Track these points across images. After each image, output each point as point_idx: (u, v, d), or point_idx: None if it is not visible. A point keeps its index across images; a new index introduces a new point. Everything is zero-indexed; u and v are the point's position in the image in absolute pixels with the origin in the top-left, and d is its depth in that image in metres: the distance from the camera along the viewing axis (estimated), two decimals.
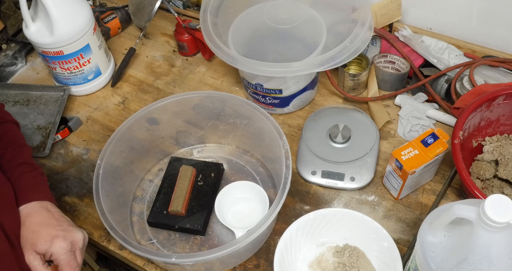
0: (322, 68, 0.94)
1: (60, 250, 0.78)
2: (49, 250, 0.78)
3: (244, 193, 0.99)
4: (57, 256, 0.78)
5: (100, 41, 1.20)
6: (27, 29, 1.11)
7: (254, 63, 0.96)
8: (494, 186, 0.95)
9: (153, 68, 1.29)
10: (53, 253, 0.78)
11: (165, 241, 0.97)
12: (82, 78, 1.20)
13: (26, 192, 0.83)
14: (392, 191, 0.99)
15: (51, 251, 0.78)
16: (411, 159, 0.89)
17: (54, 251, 0.78)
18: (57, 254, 0.78)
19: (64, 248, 0.78)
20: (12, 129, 0.93)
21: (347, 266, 0.88)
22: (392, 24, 1.18)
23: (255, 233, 0.80)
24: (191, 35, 1.25)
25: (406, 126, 1.08)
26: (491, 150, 0.95)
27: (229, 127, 1.05)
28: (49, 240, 0.78)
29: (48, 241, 0.78)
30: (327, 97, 1.17)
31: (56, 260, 0.78)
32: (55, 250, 0.78)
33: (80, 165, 1.11)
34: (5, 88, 1.24)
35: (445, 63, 1.10)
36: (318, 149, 1.03)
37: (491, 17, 1.09)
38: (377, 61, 1.15)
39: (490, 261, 0.62)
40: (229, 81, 1.24)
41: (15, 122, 0.95)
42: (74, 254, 0.80)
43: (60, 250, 0.78)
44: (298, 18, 1.06)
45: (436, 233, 0.68)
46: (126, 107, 1.21)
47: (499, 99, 0.93)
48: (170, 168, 1.04)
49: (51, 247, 0.78)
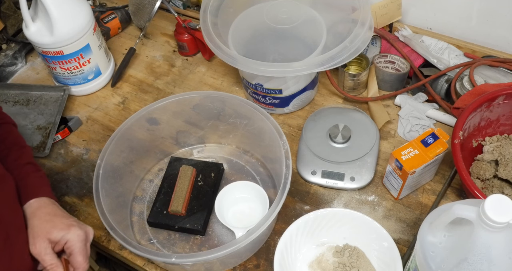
0: (322, 68, 0.94)
1: (76, 237, 0.79)
2: (65, 236, 0.79)
3: (244, 193, 0.99)
4: (73, 243, 0.79)
5: (100, 41, 1.20)
6: (27, 29, 1.11)
7: (254, 63, 0.96)
8: (494, 186, 0.95)
9: (153, 68, 1.29)
10: (69, 240, 0.79)
11: (165, 241, 0.97)
12: (82, 78, 1.20)
13: (35, 188, 0.85)
14: (392, 191, 0.99)
15: (67, 238, 0.79)
16: (411, 159, 0.89)
17: (70, 238, 0.79)
18: (73, 241, 0.79)
19: (81, 236, 0.80)
20: (13, 131, 0.94)
21: (347, 266, 0.88)
22: (392, 24, 1.18)
23: (255, 233, 0.80)
24: (191, 35, 1.25)
25: (406, 126, 1.08)
26: (491, 150, 0.95)
27: (229, 127, 1.05)
28: (65, 228, 0.79)
29: (64, 229, 0.79)
30: (327, 97, 1.17)
31: (71, 247, 0.79)
32: (72, 237, 0.79)
33: (80, 165, 1.11)
34: (5, 88, 1.24)
35: (445, 63, 1.10)
36: (318, 149, 1.03)
37: (491, 17, 1.09)
38: (377, 61, 1.15)
39: (490, 261, 0.62)
40: (229, 81, 1.24)
41: (13, 124, 0.97)
42: (87, 244, 0.81)
43: (76, 237, 0.79)
44: (298, 18, 1.06)
45: (436, 233, 0.68)
46: (126, 107, 1.21)
47: (499, 99, 0.93)
48: (170, 168, 1.04)
49: (68, 234, 0.79)
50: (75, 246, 0.79)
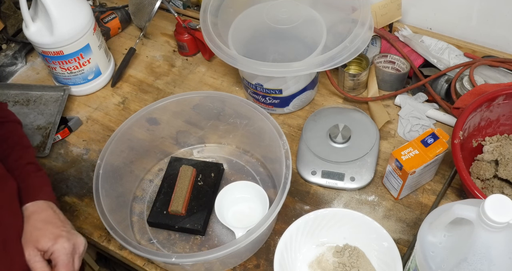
0: (322, 68, 0.94)
1: (62, 249, 0.78)
2: (52, 248, 0.78)
3: (244, 193, 0.99)
4: (58, 255, 0.78)
5: (100, 41, 1.20)
6: (27, 29, 1.11)
7: (254, 63, 0.96)
8: (494, 186, 0.95)
9: (153, 68, 1.29)
10: (55, 251, 0.78)
11: (165, 241, 0.97)
12: (82, 78, 1.20)
13: (33, 190, 0.84)
14: (392, 191, 0.99)
15: (53, 249, 0.78)
16: (411, 159, 0.89)
17: (56, 249, 0.78)
18: (58, 253, 0.78)
19: (66, 249, 0.78)
20: (17, 130, 0.94)
21: (347, 266, 0.88)
22: (392, 24, 1.18)
23: (255, 233, 0.80)
24: (191, 35, 1.25)
25: (406, 126, 1.08)
26: (491, 150, 0.95)
27: (229, 127, 1.05)
28: (53, 238, 0.78)
29: (51, 239, 0.78)
30: (327, 97, 1.17)
31: (56, 259, 0.78)
32: (58, 248, 0.78)
33: (80, 165, 1.11)
34: (5, 88, 1.24)
35: (445, 63, 1.10)
36: (318, 149, 1.03)
37: (491, 17, 1.09)
38: (377, 61, 1.15)
39: (490, 261, 0.62)
40: (229, 81, 1.24)
41: (18, 122, 0.96)
42: (73, 258, 0.80)
43: (62, 250, 0.78)
44: (298, 18, 1.06)
45: (436, 233, 0.68)
46: (126, 107, 1.21)
47: (499, 99, 0.93)
48: (170, 168, 1.04)
49: (54, 246, 0.78)
50: (60, 258, 0.78)
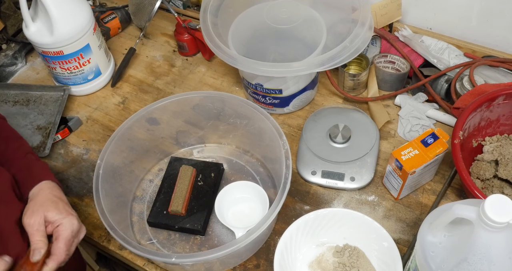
0: (322, 68, 0.94)
1: (70, 225, 0.79)
2: (60, 220, 0.79)
3: (244, 193, 0.99)
4: (63, 228, 0.78)
5: (100, 41, 1.20)
6: (27, 29, 1.11)
7: (254, 63, 0.96)
8: (494, 186, 0.95)
9: (153, 68, 1.29)
10: (62, 224, 0.78)
11: (165, 241, 0.97)
12: (82, 78, 1.20)
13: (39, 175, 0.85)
14: (392, 191, 0.99)
15: (61, 222, 0.79)
16: (411, 159, 0.89)
17: (64, 222, 0.79)
18: (65, 226, 0.78)
19: (74, 225, 0.80)
20: (4, 124, 0.95)
21: (347, 266, 0.88)
22: (392, 24, 1.18)
23: (255, 233, 0.80)
24: (191, 35, 1.25)
25: (406, 126, 1.08)
26: (491, 150, 0.95)
27: (229, 127, 1.05)
28: (65, 213, 0.80)
29: (63, 213, 0.80)
30: (327, 97, 1.17)
31: (59, 231, 0.78)
32: (66, 222, 0.79)
33: (80, 165, 1.11)
34: (5, 88, 1.24)
35: (445, 63, 1.10)
36: (318, 149, 1.03)
37: (491, 17, 1.09)
38: (377, 61, 1.15)
39: (490, 261, 0.62)
40: (229, 81, 1.24)
41: (2, 117, 0.96)
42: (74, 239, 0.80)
43: (69, 225, 0.79)
44: (298, 18, 1.06)
45: (436, 233, 0.68)
46: (126, 107, 1.21)
47: (499, 99, 0.93)
48: (170, 168, 1.04)
49: (64, 219, 0.79)
50: (64, 232, 0.78)
